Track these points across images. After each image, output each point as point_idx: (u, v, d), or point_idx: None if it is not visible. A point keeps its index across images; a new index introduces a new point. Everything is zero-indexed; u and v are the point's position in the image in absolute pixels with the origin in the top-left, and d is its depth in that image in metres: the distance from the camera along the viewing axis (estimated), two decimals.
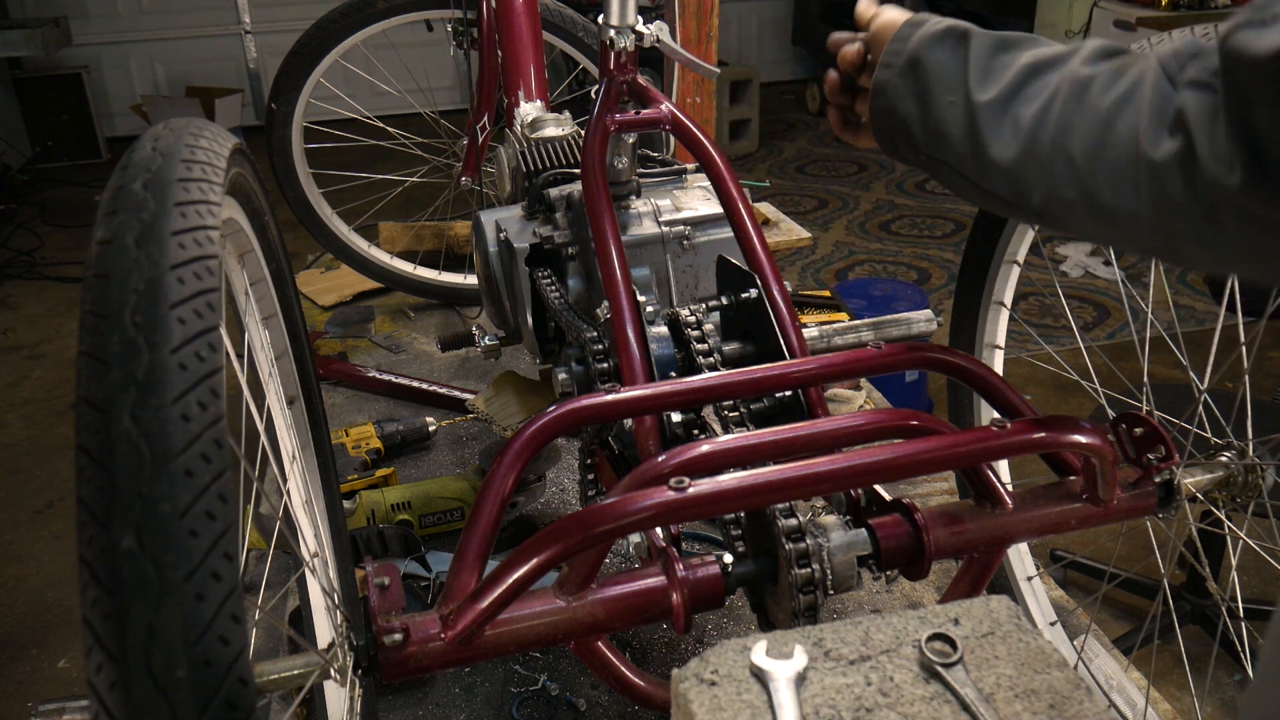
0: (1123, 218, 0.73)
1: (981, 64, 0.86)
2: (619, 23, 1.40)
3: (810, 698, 0.71)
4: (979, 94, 0.83)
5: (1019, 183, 0.80)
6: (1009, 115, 0.80)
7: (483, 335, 1.72)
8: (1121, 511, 1.02)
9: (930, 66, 0.88)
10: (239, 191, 0.93)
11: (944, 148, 0.87)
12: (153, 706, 0.53)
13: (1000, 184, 0.82)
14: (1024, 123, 0.79)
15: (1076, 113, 0.75)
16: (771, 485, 0.85)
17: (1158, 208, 0.70)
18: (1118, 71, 0.74)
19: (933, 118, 0.87)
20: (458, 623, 0.84)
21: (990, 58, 0.86)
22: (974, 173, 0.84)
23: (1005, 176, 0.80)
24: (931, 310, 1.48)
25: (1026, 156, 0.79)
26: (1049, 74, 0.80)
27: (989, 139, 0.81)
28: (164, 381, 0.59)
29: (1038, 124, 0.78)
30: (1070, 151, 0.75)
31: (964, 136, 0.84)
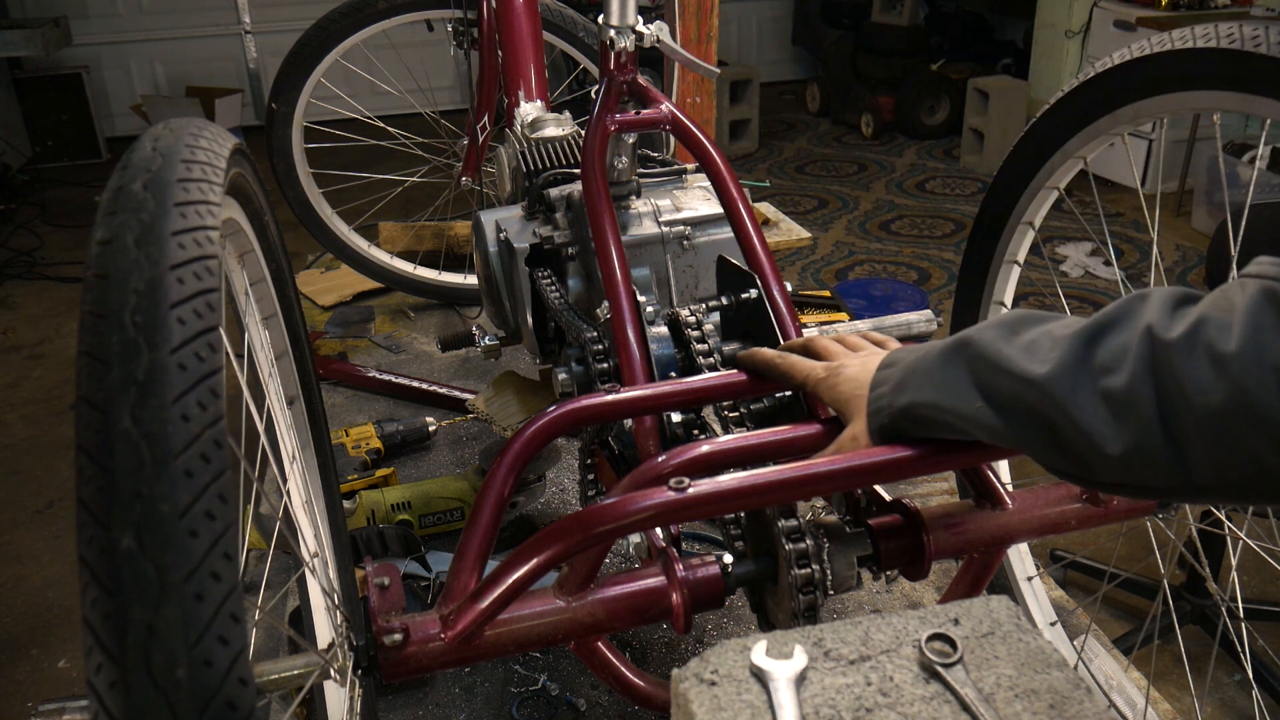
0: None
1: (1011, 346, 0.75)
2: (619, 23, 1.40)
3: (810, 698, 0.71)
4: (1037, 368, 0.71)
5: (1164, 464, 0.66)
6: (1093, 392, 0.68)
7: (483, 335, 1.72)
8: (1121, 511, 1.02)
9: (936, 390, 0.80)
10: (239, 191, 0.93)
11: (1011, 443, 0.77)
12: (153, 706, 0.53)
13: (1133, 472, 0.68)
14: (1135, 396, 0.66)
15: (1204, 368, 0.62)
16: (771, 485, 0.85)
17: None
18: (1223, 309, 0.63)
19: (980, 428, 0.77)
20: (458, 623, 0.84)
21: (1010, 338, 0.76)
22: (1074, 466, 0.72)
23: (1138, 461, 0.67)
24: (931, 310, 1.48)
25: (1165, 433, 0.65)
26: (1118, 336, 0.68)
27: (1092, 427, 0.68)
28: (164, 381, 0.59)
29: (1161, 392, 0.65)
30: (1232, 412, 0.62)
31: (1042, 429, 0.72)
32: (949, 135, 6.00)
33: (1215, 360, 0.62)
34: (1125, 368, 0.67)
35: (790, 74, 7.36)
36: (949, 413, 0.79)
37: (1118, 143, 1.22)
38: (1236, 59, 0.98)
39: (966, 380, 0.78)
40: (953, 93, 5.93)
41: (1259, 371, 0.60)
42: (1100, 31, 5.14)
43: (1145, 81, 1.11)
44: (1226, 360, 0.61)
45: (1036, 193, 1.31)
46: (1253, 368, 0.60)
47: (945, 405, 0.79)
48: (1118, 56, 1.14)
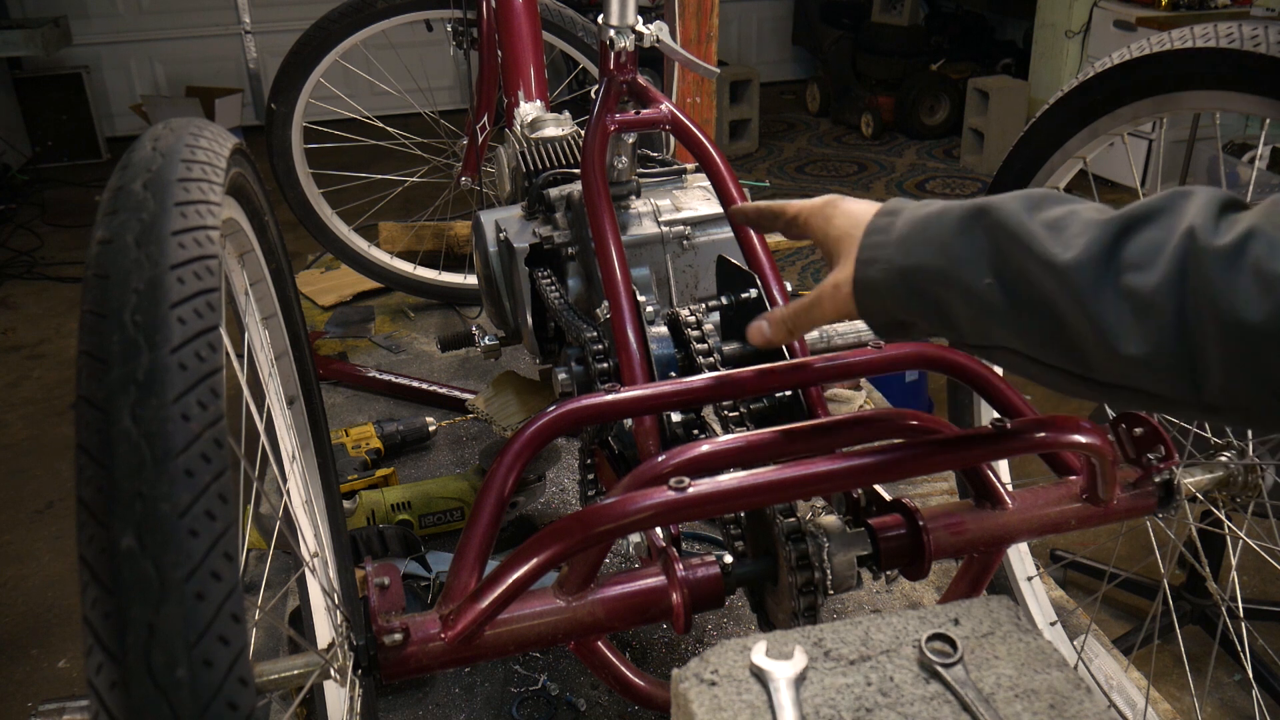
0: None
1: (1035, 222, 0.69)
2: (619, 23, 1.40)
3: (810, 698, 0.71)
4: (1059, 250, 0.66)
5: (1175, 375, 0.63)
6: (1117, 288, 0.63)
7: (483, 335, 1.72)
8: (1121, 511, 1.02)
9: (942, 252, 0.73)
10: (239, 191, 0.93)
11: (1003, 340, 0.71)
12: (153, 706, 0.53)
13: (1139, 376, 0.65)
14: (1161, 299, 0.61)
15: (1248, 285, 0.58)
16: (771, 485, 0.85)
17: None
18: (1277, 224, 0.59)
19: (973, 310, 0.71)
20: (458, 623, 0.84)
21: (1033, 213, 0.70)
22: (1071, 362, 0.68)
23: (1148, 367, 0.64)
24: None
25: (1184, 343, 0.62)
26: (1152, 231, 0.64)
27: (1109, 324, 0.64)
28: (164, 381, 0.59)
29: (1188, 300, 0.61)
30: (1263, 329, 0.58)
31: (1045, 327, 0.68)
32: (949, 135, 6.00)
33: (1262, 278, 0.58)
34: (1157, 267, 0.62)
35: (790, 74, 7.36)
36: (953, 285, 0.72)
37: (1118, 143, 1.22)
38: (1236, 59, 0.98)
39: (981, 252, 0.71)
40: (953, 93, 5.93)
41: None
42: (1100, 31, 5.14)
43: (1145, 81, 1.11)
44: (1275, 281, 0.57)
45: None
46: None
47: (952, 276, 0.72)
48: (1118, 56, 1.14)
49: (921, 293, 0.75)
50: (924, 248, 0.74)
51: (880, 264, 0.77)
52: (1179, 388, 0.64)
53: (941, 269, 0.73)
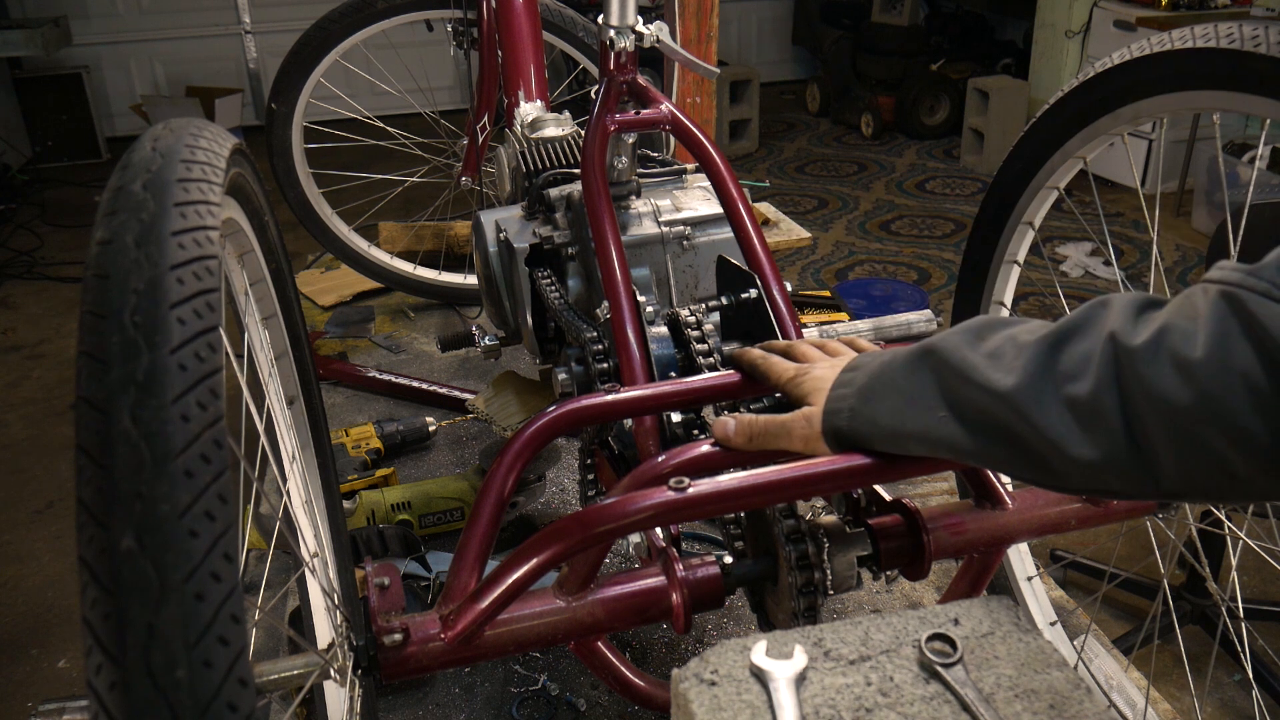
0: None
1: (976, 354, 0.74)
2: (619, 23, 1.40)
3: (810, 698, 0.71)
4: (1001, 379, 0.71)
5: (1132, 470, 0.66)
6: (1058, 400, 0.68)
7: (483, 335, 1.72)
8: (1121, 511, 1.02)
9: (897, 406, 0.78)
10: (239, 191, 0.93)
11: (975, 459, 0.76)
12: (152, 707, 0.53)
13: (1101, 478, 0.68)
14: (1100, 403, 0.66)
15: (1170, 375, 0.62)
16: (771, 485, 0.85)
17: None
18: (1187, 315, 0.63)
19: (943, 445, 0.76)
20: (458, 623, 0.84)
21: (974, 345, 0.75)
22: (1041, 476, 0.72)
23: (1106, 468, 0.67)
24: (931, 310, 1.48)
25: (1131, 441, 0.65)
26: (1082, 342, 0.68)
27: (1057, 436, 0.68)
28: (164, 381, 0.59)
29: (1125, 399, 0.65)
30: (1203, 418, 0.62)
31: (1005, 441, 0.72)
32: (949, 135, 6.00)
33: (1180, 366, 0.62)
34: (1089, 374, 0.66)
35: (790, 74, 7.36)
36: (911, 423, 0.78)
37: (1118, 143, 1.22)
38: (1236, 59, 0.98)
39: (931, 390, 0.77)
40: (953, 93, 5.93)
41: (1225, 377, 0.60)
42: (1100, 31, 5.14)
43: (1145, 81, 1.11)
44: (1192, 366, 0.61)
45: (1036, 193, 1.31)
46: (1218, 373, 0.60)
47: (909, 415, 0.78)
48: (1117, 56, 1.14)
49: (888, 431, 0.80)
50: (880, 393, 0.81)
51: (844, 414, 0.84)
52: (1139, 481, 0.67)
53: (898, 411, 0.79)
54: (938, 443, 0.76)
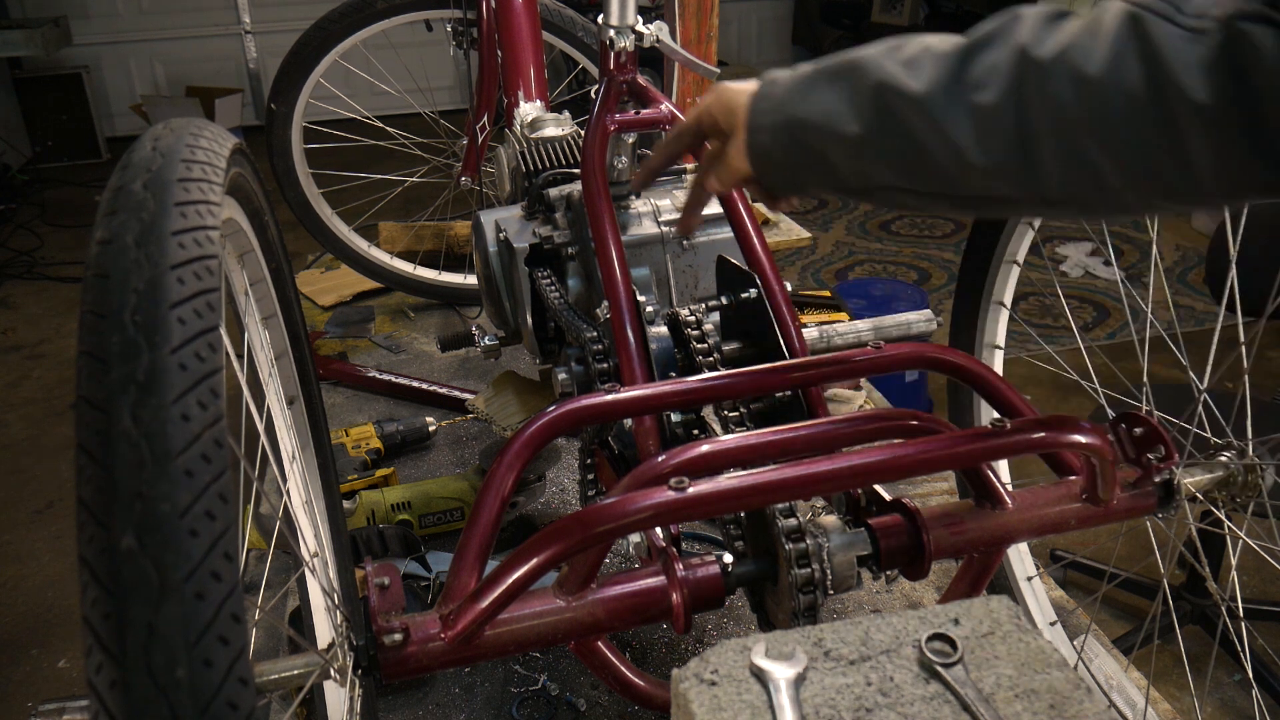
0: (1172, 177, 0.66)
1: (893, 62, 0.78)
2: (619, 23, 1.40)
3: (810, 698, 0.71)
4: (914, 83, 0.75)
5: (1020, 177, 0.72)
6: (964, 107, 0.72)
7: (483, 335, 1.72)
8: (1121, 511, 1.02)
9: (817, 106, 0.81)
10: (239, 191, 0.93)
11: (883, 179, 0.80)
12: (153, 706, 0.53)
13: (993, 185, 0.74)
14: (1001, 112, 0.70)
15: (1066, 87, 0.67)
16: (771, 485, 0.85)
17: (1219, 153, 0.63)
18: (1092, 32, 0.67)
19: (850, 152, 0.80)
20: (458, 623, 0.84)
21: (892, 55, 0.79)
22: (942, 183, 0.77)
23: (999, 174, 0.73)
24: (931, 310, 1.48)
25: (1022, 147, 0.70)
26: (991, 53, 0.72)
27: (960, 141, 0.73)
28: (164, 381, 0.59)
29: (1023, 108, 0.69)
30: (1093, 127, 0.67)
31: (914, 155, 0.76)
32: None
33: (1076, 80, 0.66)
34: (995, 84, 0.71)
35: None
36: (829, 133, 0.80)
37: None
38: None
39: (850, 98, 0.79)
40: None
41: (1112, 93, 0.65)
42: None
43: None
44: (1087, 81, 0.66)
45: None
46: (1108, 90, 0.65)
47: (825, 125, 0.80)
48: None
49: (804, 146, 0.83)
50: (802, 104, 0.83)
51: (766, 129, 0.86)
52: (1025, 187, 0.72)
53: (817, 120, 0.81)
54: (852, 153, 0.80)
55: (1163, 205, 0.71)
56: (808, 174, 0.85)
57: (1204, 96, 0.62)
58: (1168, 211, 0.73)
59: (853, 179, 0.82)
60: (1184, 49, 0.62)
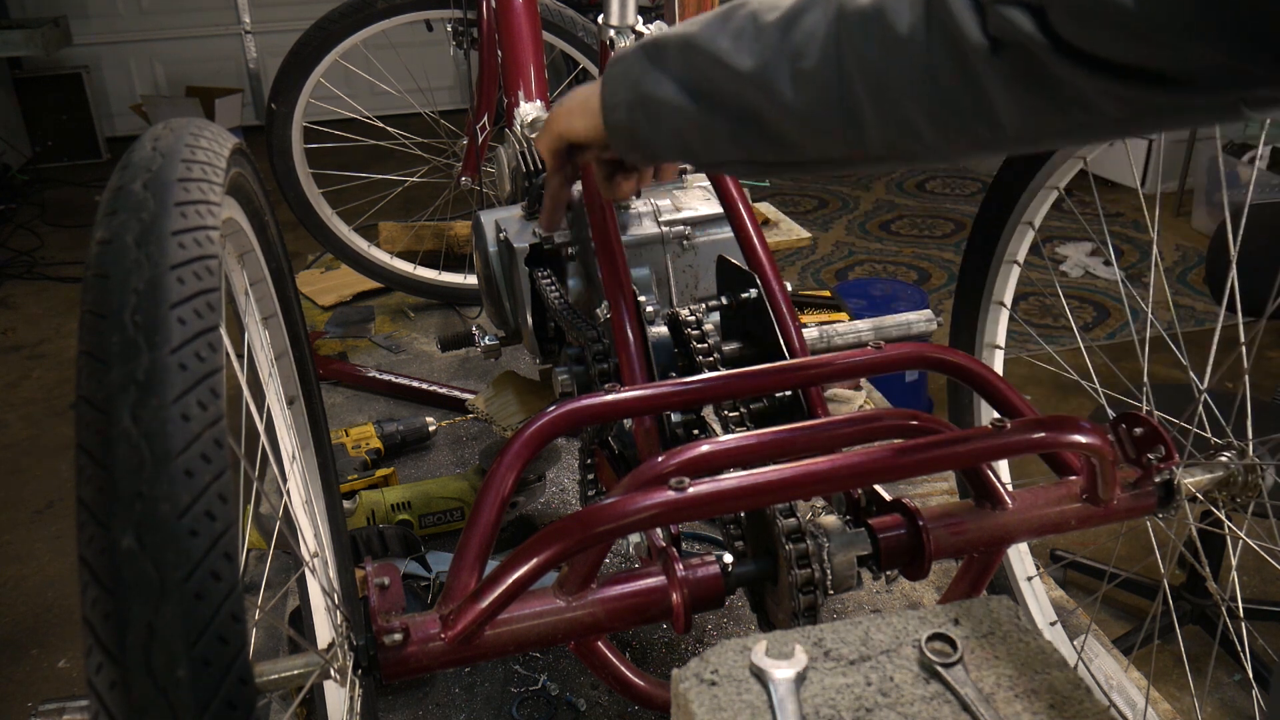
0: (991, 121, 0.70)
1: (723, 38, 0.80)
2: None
3: (810, 698, 0.71)
4: (741, 59, 0.78)
5: (847, 137, 0.75)
6: (788, 75, 0.75)
7: (483, 335, 1.72)
8: (1121, 511, 1.02)
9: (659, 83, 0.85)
10: (239, 191, 0.93)
11: (724, 152, 0.83)
12: (153, 706, 0.53)
13: (824, 148, 0.77)
14: (822, 75, 0.74)
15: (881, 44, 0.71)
16: (771, 485, 0.85)
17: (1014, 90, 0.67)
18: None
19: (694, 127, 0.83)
20: (458, 623, 0.84)
21: (722, 27, 0.81)
22: (780, 152, 0.80)
23: (827, 136, 0.76)
24: (931, 310, 1.48)
25: (844, 108, 0.74)
26: (809, 19, 0.75)
27: (787, 108, 0.76)
28: (164, 381, 0.59)
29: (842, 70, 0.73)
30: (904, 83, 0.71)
31: (749, 125, 0.79)
32: None
33: (887, 41, 0.70)
34: (815, 48, 0.74)
35: None
36: (672, 106, 0.83)
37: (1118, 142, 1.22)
38: None
39: (687, 74, 0.82)
40: None
41: (918, 50, 0.69)
42: None
43: None
44: (898, 41, 0.69)
45: (1036, 193, 1.31)
46: (916, 46, 0.69)
47: (671, 97, 0.83)
48: None
49: (655, 120, 0.86)
50: (645, 81, 0.86)
51: (620, 106, 0.89)
52: (852, 146, 0.76)
53: (660, 96, 0.84)
54: (700, 130, 0.83)
55: (974, 154, 0.75)
56: (663, 147, 0.88)
57: (987, 55, 0.66)
58: (974, 160, 0.78)
59: (703, 152, 0.85)
60: (970, 17, 0.66)
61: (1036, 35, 0.63)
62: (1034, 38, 0.63)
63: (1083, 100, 0.65)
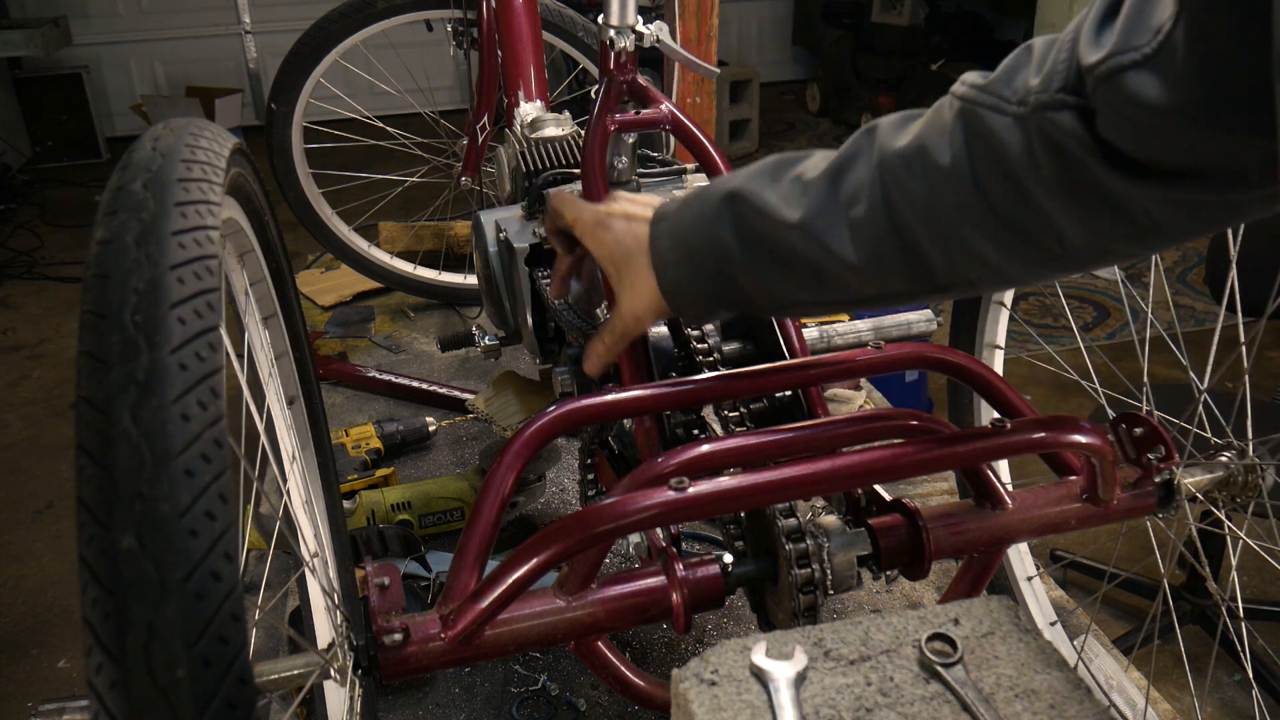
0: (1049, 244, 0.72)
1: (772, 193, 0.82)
2: (619, 23, 1.40)
3: (810, 698, 0.71)
4: (791, 213, 0.80)
5: (910, 272, 0.77)
6: (842, 223, 0.78)
7: (483, 335, 1.72)
8: (1121, 511, 1.02)
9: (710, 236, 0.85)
10: (239, 191, 0.93)
11: (787, 296, 0.85)
12: (153, 706, 0.53)
13: (888, 283, 0.79)
14: (876, 219, 0.76)
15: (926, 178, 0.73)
16: (771, 485, 0.85)
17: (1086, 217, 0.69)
18: (935, 129, 0.74)
19: (752, 276, 0.84)
20: (458, 623, 0.84)
21: (772, 184, 0.83)
22: (842, 293, 0.82)
23: (890, 274, 0.78)
24: (931, 310, 1.48)
25: (903, 246, 0.76)
26: (855, 170, 0.78)
27: (846, 255, 0.78)
28: (164, 381, 0.59)
29: (893, 210, 0.75)
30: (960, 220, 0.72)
31: (808, 273, 0.81)
32: None
33: (931, 173, 0.72)
34: (864, 196, 0.76)
35: (790, 74, 7.35)
36: (732, 265, 0.85)
37: None
38: None
39: (737, 226, 0.84)
40: None
41: (966, 180, 0.71)
42: None
43: None
44: (942, 172, 0.72)
45: None
46: (963, 176, 0.71)
47: (725, 248, 0.85)
48: None
49: (710, 274, 0.87)
50: (695, 236, 0.87)
51: (672, 265, 0.89)
52: (916, 280, 0.78)
53: (713, 249, 0.85)
54: (758, 280, 0.84)
55: (1046, 274, 0.76)
56: (720, 300, 0.89)
57: (1038, 170, 0.67)
58: (1051, 279, 0.79)
59: (763, 300, 0.86)
60: (1013, 135, 0.68)
61: (1085, 138, 0.64)
62: (1083, 141, 0.64)
63: (1142, 206, 0.65)
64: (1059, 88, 0.65)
